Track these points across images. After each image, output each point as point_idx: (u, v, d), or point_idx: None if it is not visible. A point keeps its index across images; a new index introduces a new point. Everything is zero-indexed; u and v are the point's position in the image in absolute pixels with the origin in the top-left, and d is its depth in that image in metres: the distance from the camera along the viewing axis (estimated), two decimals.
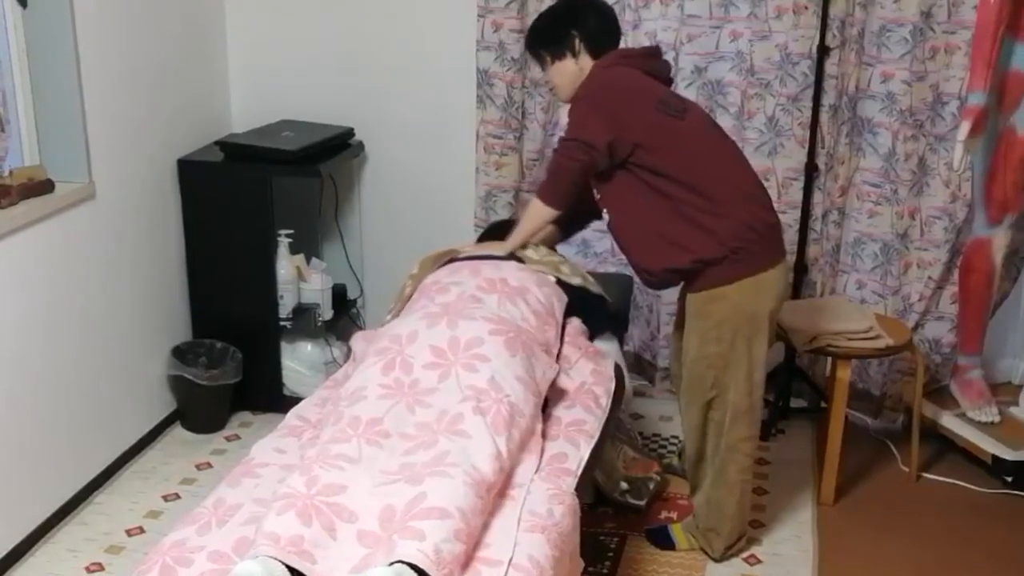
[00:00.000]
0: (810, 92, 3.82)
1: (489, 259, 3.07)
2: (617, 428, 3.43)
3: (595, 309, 3.17)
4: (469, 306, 2.78)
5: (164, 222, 3.84)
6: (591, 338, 3.11)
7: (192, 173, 3.88)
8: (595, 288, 3.20)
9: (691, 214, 2.86)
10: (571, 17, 3.05)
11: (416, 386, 2.49)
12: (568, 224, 3.31)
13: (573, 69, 3.01)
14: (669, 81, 3.10)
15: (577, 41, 3.00)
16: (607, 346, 3.17)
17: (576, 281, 3.15)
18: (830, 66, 3.78)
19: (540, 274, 3.07)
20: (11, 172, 3.16)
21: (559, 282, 3.10)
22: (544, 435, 2.57)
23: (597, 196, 3.01)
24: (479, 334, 2.60)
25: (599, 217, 3.10)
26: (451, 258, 3.16)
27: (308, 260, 4.14)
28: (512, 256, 3.10)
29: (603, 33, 3.03)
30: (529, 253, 3.15)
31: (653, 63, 3.04)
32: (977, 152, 3.58)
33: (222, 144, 3.96)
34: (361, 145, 4.21)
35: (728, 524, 3.13)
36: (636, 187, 2.90)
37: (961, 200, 3.79)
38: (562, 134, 3.02)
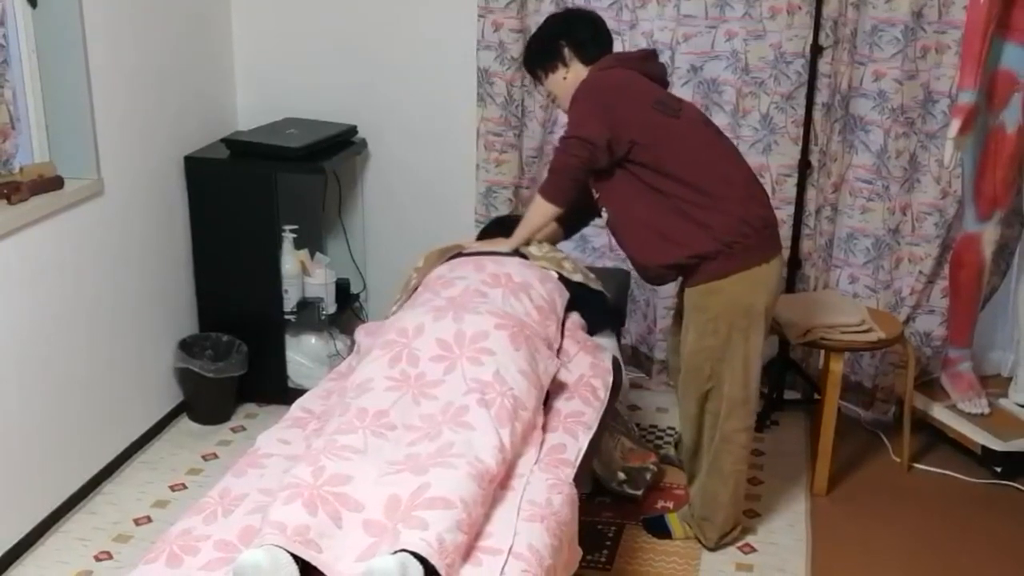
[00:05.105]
0: (803, 91, 3.86)
1: (493, 255, 3.09)
2: (615, 420, 3.45)
3: (595, 305, 3.20)
4: (474, 300, 2.80)
5: (171, 218, 3.87)
6: (591, 333, 3.13)
7: (198, 170, 3.91)
8: (595, 285, 3.22)
9: (686, 210, 2.89)
10: (557, 29, 3.09)
11: (422, 378, 2.50)
12: (570, 222, 3.33)
13: (566, 78, 3.04)
14: (665, 84, 3.14)
15: (566, 50, 3.03)
16: (605, 340, 3.19)
17: (577, 278, 3.16)
18: (823, 65, 3.82)
19: (543, 270, 3.08)
20: (21, 169, 3.18)
21: (561, 278, 3.12)
22: (544, 427, 2.58)
23: (596, 195, 3.04)
24: (485, 328, 2.62)
25: (600, 215, 3.13)
26: (456, 253, 3.18)
27: (312, 255, 4.18)
28: (516, 252, 3.13)
29: (592, 40, 3.05)
30: (532, 250, 3.18)
31: (649, 65, 3.07)
32: (967, 149, 3.61)
33: (228, 142, 3.98)
34: (364, 142, 4.25)
35: (722, 513, 3.16)
36: (633, 185, 2.93)
37: (951, 196, 3.84)
38: (562, 133, 3.04)
